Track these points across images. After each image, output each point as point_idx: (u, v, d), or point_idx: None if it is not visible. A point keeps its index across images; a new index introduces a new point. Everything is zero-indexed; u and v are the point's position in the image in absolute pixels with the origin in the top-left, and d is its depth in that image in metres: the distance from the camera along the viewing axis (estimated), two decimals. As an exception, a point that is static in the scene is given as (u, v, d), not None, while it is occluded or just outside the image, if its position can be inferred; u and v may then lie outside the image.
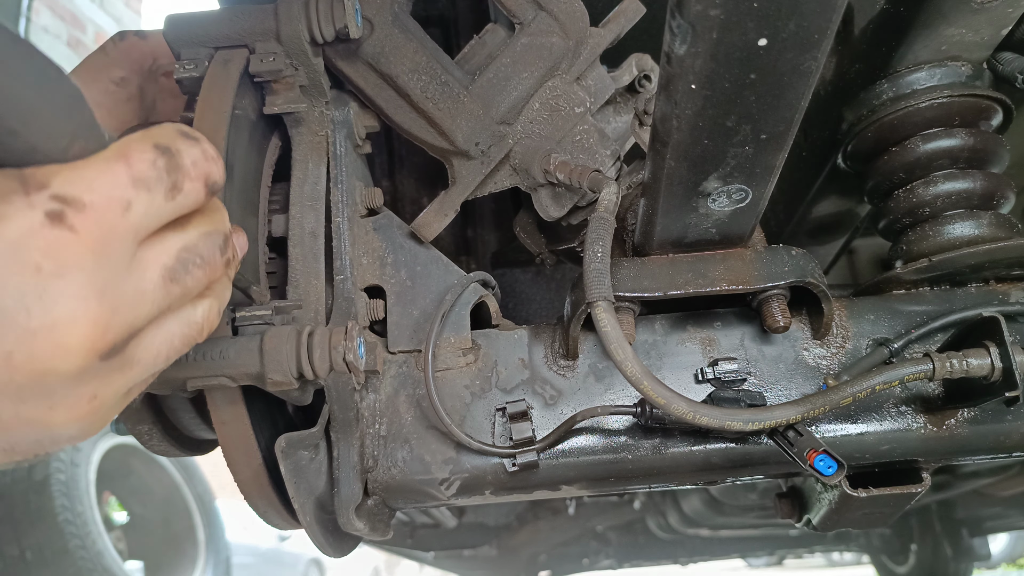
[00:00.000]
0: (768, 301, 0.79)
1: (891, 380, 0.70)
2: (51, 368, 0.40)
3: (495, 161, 0.83)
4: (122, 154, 0.43)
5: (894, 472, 0.82)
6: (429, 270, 0.84)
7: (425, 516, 2.60)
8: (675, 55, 0.53)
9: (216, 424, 0.72)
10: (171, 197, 0.45)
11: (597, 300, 0.68)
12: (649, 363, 0.82)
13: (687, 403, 0.67)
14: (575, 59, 0.84)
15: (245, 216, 0.75)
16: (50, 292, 0.39)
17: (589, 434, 0.79)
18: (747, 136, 0.60)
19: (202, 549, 3.73)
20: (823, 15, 0.49)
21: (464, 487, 0.80)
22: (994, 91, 0.86)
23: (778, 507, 0.97)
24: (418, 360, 0.82)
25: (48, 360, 0.40)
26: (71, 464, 2.97)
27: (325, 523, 0.78)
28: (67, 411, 0.43)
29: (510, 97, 0.81)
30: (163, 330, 0.48)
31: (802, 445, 0.72)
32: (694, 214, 0.72)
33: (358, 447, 0.78)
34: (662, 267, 0.77)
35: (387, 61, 0.80)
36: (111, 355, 0.43)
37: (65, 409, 0.43)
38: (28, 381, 0.40)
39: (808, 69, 0.53)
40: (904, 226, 0.90)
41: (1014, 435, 0.79)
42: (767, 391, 0.80)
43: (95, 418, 0.46)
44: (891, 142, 0.89)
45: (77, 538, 2.79)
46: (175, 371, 0.63)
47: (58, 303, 0.40)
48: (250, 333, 0.66)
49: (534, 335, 0.84)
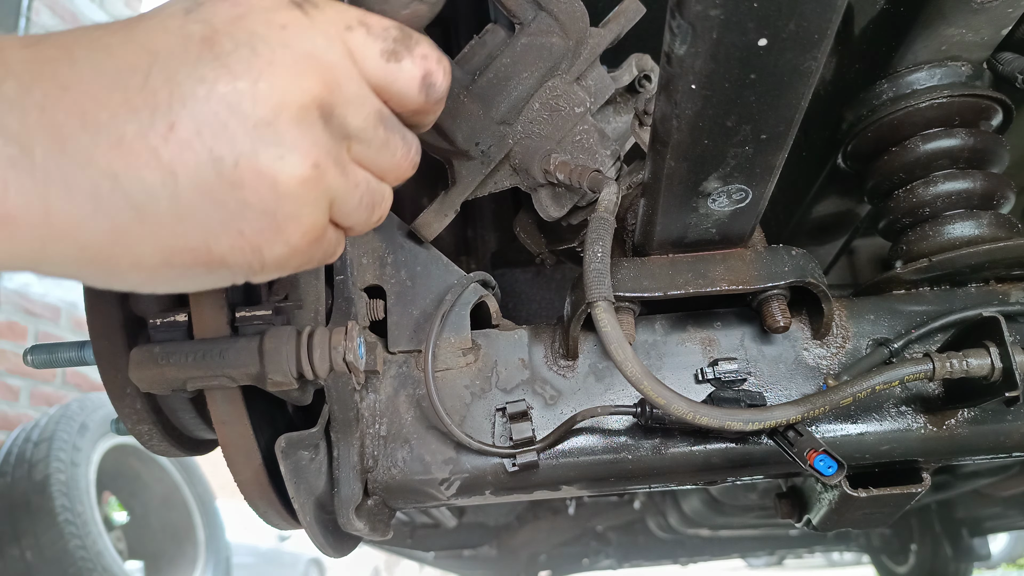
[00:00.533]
0: (768, 301, 0.79)
1: (891, 380, 0.70)
2: (282, 101, 0.45)
3: (495, 161, 0.83)
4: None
5: (894, 472, 0.82)
6: (429, 270, 0.84)
7: (425, 516, 2.60)
8: (675, 55, 0.53)
9: (216, 424, 0.72)
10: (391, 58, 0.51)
11: (597, 300, 0.68)
12: (649, 363, 0.82)
13: (687, 403, 0.67)
14: (575, 59, 0.84)
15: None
16: (291, 37, 0.46)
17: (589, 434, 0.79)
18: (747, 136, 0.60)
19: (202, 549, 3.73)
20: (823, 15, 0.49)
21: (464, 487, 0.80)
22: (994, 91, 0.86)
23: (778, 507, 0.97)
24: (418, 360, 0.82)
25: (279, 93, 0.45)
26: (71, 464, 2.97)
27: (325, 523, 0.78)
28: (297, 163, 0.46)
29: (510, 97, 0.81)
30: (361, 171, 0.52)
31: (802, 445, 0.72)
32: (694, 214, 0.72)
33: (358, 447, 0.78)
34: (662, 267, 0.77)
35: (387, 61, 0.80)
36: (328, 118, 0.47)
37: (296, 159, 0.46)
38: (263, 114, 0.44)
39: (808, 69, 0.53)
40: (904, 226, 0.90)
41: (1014, 435, 0.79)
42: (767, 391, 0.80)
43: (317, 197, 0.48)
44: (891, 142, 0.89)
45: (77, 538, 2.79)
46: (175, 371, 0.63)
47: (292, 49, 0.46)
48: (250, 333, 0.66)
49: (534, 335, 0.84)
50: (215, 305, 0.67)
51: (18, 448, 2.99)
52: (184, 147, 0.42)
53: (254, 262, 0.48)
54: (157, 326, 0.67)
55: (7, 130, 0.39)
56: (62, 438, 3.02)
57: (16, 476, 2.88)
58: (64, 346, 0.84)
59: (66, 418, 3.14)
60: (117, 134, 0.41)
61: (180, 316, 0.67)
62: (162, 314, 0.68)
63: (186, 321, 0.67)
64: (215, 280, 0.49)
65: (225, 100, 0.43)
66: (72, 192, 0.40)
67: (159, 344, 0.64)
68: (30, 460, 2.92)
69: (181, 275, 0.47)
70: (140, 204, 0.42)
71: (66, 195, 0.40)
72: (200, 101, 0.42)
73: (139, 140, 0.41)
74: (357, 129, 0.50)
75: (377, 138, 0.52)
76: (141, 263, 0.44)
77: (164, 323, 0.67)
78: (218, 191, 0.44)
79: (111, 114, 0.41)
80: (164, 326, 0.67)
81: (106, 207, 0.41)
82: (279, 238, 0.47)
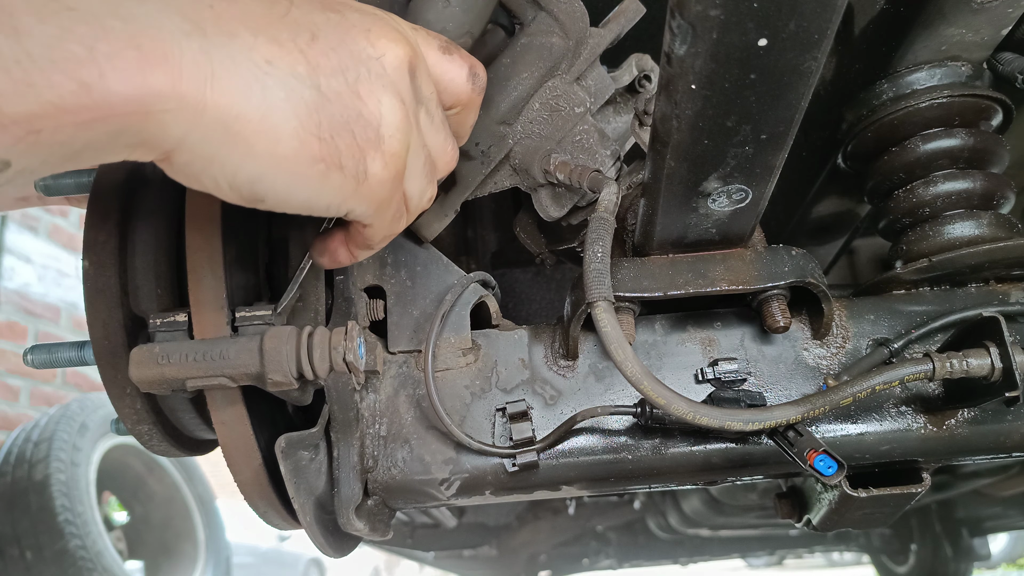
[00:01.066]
0: (768, 301, 0.79)
1: (891, 380, 0.70)
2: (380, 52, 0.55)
3: (495, 161, 0.83)
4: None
5: (894, 472, 0.82)
6: (429, 270, 0.84)
7: (425, 516, 2.60)
8: (675, 55, 0.53)
9: (216, 424, 0.72)
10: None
11: (597, 300, 0.68)
12: (649, 363, 0.82)
13: (687, 403, 0.67)
14: (575, 59, 0.84)
15: (245, 216, 0.75)
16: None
17: (589, 434, 0.79)
18: (747, 136, 0.60)
19: (202, 549, 3.73)
20: (823, 15, 0.49)
21: (464, 487, 0.80)
22: (994, 91, 0.86)
23: (778, 507, 0.97)
24: (418, 360, 0.82)
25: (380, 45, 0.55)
26: (71, 464, 2.97)
27: (325, 523, 0.78)
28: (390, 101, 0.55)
29: (510, 97, 0.81)
30: (436, 118, 0.62)
31: (802, 445, 0.72)
32: (694, 214, 0.72)
33: (358, 447, 0.78)
34: (662, 267, 0.77)
35: (387, 61, 0.80)
36: (413, 76, 0.57)
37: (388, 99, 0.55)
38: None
39: (808, 69, 0.53)
40: (904, 226, 0.90)
41: (1014, 435, 0.79)
42: (767, 391, 0.80)
43: (398, 157, 0.57)
44: (891, 142, 0.89)
45: (77, 538, 2.79)
46: (175, 371, 0.63)
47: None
48: (250, 333, 0.66)
49: (534, 335, 0.84)
50: (215, 305, 0.67)
51: (18, 448, 2.99)
52: (321, 54, 0.51)
53: (359, 171, 0.54)
54: (157, 326, 0.67)
55: (184, 13, 0.45)
56: (62, 438, 3.02)
57: (16, 476, 2.88)
58: (64, 346, 0.84)
59: (66, 418, 3.14)
60: (273, 35, 0.49)
61: (180, 316, 0.68)
62: (162, 314, 0.68)
63: (186, 321, 0.67)
64: (328, 187, 0.54)
65: (349, 34, 0.53)
66: (234, 70, 0.47)
67: (159, 344, 0.64)
68: (30, 460, 2.92)
69: (305, 170, 0.52)
70: (289, 88, 0.49)
71: (230, 70, 0.46)
72: (332, 28, 0.53)
73: (290, 42, 0.50)
74: (427, 97, 0.59)
75: (437, 115, 0.61)
76: (277, 148, 0.50)
77: (164, 323, 0.67)
78: (344, 96, 0.52)
79: (268, 23, 0.50)
80: (164, 326, 0.67)
81: (259, 87, 0.48)
82: (378, 151, 0.55)
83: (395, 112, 0.55)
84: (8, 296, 3.86)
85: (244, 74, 0.47)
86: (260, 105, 0.48)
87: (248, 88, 0.47)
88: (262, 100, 0.48)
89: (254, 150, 0.49)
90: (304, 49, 0.51)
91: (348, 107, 0.52)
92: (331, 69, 0.52)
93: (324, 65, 0.51)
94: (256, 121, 0.48)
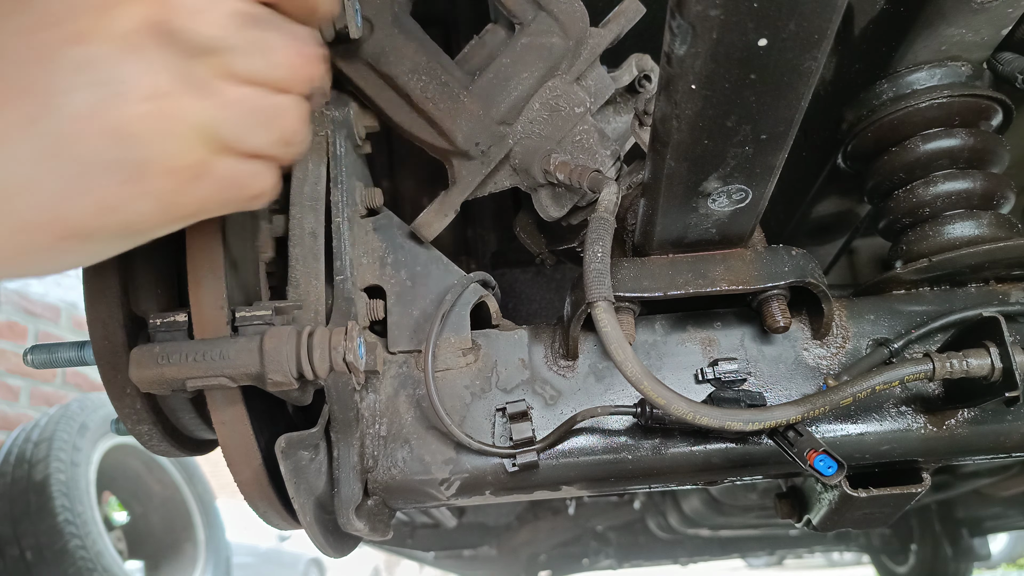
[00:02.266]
0: (768, 301, 0.79)
1: (891, 380, 0.70)
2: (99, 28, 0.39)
3: (495, 161, 0.83)
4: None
5: (894, 472, 0.82)
6: (429, 270, 0.84)
7: (425, 516, 2.60)
8: (675, 55, 0.53)
9: (216, 424, 0.72)
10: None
11: (597, 300, 0.68)
12: (649, 363, 0.82)
13: (687, 403, 0.67)
14: (575, 59, 0.84)
15: (245, 216, 0.75)
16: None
17: (589, 434, 0.79)
18: (747, 136, 0.60)
19: (202, 549, 3.72)
20: (823, 15, 0.49)
21: (464, 487, 0.80)
22: (994, 91, 0.86)
23: (778, 507, 0.97)
24: (418, 360, 0.82)
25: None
26: (71, 464, 2.97)
27: (325, 523, 0.78)
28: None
29: (510, 97, 0.81)
30: (241, 89, 0.45)
31: (802, 445, 0.72)
32: (694, 214, 0.72)
33: (358, 447, 0.78)
34: (662, 267, 0.77)
35: (387, 61, 0.80)
36: (168, 36, 0.41)
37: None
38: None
39: (808, 69, 0.53)
40: (904, 226, 0.90)
41: (1014, 435, 0.79)
42: (767, 391, 0.80)
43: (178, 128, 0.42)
44: (891, 142, 0.89)
45: (77, 538, 2.79)
46: (175, 371, 0.63)
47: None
48: (250, 333, 0.66)
49: (534, 335, 0.84)
50: (215, 305, 0.67)
51: (18, 448, 2.99)
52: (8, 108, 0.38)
53: (125, 223, 0.42)
54: (157, 326, 0.67)
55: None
56: (62, 438, 3.02)
57: (16, 476, 2.87)
58: (64, 346, 0.84)
59: (66, 418, 3.14)
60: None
61: (180, 316, 0.68)
62: (162, 314, 0.68)
63: (186, 321, 0.67)
64: (98, 252, 0.44)
65: (44, 48, 0.38)
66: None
67: (159, 344, 0.64)
68: (30, 460, 2.92)
69: (56, 255, 0.42)
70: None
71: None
72: (15, 55, 0.38)
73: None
74: (212, 39, 0.43)
75: (244, 41, 0.45)
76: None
77: (164, 323, 0.67)
78: (57, 150, 0.39)
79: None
80: (164, 326, 0.67)
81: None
82: (139, 189, 0.41)
83: (142, 117, 0.41)
84: (8, 296, 3.86)
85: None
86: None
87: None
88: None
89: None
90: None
91: (66, 167, 0.40)
92: (25, 127, 0.39)
93: (15, 126, 0.39)
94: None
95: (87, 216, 0.41)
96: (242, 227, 0.75)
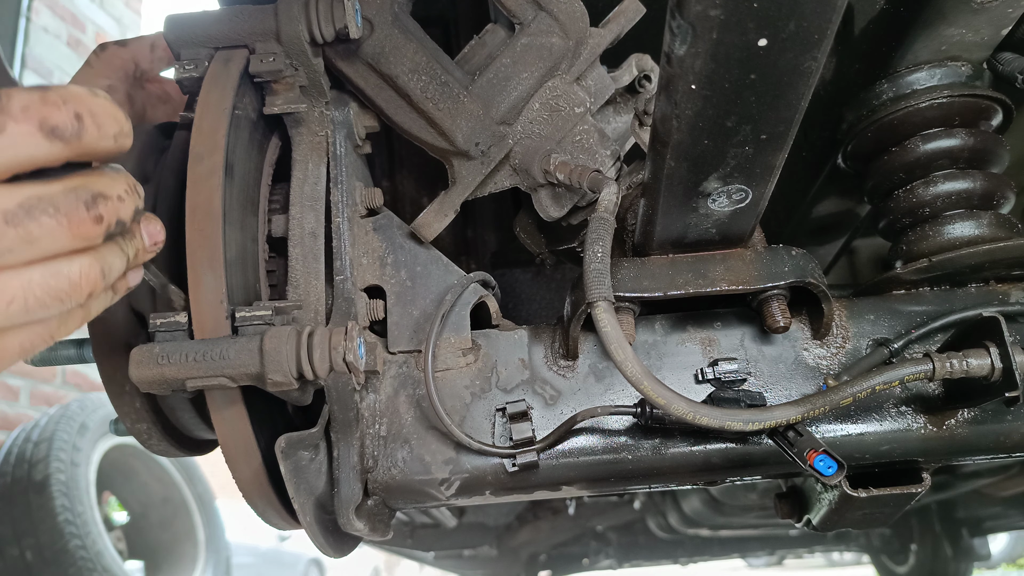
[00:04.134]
0: (768, 301, 0.79)
1: (891, 380, 0.70)
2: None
3: (495, 161, 0.83)
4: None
5: (894, 472, 0.82)
6: (429, 270, 0.84)
7: (425, 516, 2.60)
8: (675, 55, 0.53)
9: (216, 424, 0.72)
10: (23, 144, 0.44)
11: (597, 300, 0.68)
12: (649, 363, 0.82)
13: (687, 403, 0.67)
14: (575, 59, 0.84)
15: (245, 215, 0.75)
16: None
17: (589, 434, 0.79)
18: (747, 136, 0.60)
19: (202, 549, 3.73)
20: (823, 15, 0.49)
21: (464, 487, 0.79)
22: (994, 91, 0.86)
23: (778, 507, 0.97)
24: (418, 360, 0.82)
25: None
26: (71, 464, 2.97)
27: (325, 523, 0.78)
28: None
29: (510, 97, 0.81)
30: (19, 275, 0.46)
31: (802, 445, 0.72)
32: (694, 214, 0.72)
33: (358, 447, 0.78)
34: (662, 267, 0.77)
35: (387, 61, 0.80)
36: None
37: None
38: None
39: (808, 69, 0.53)
40: (904, 226, 0.90)
41: (1014, 435, 0.79)
42: (767, 391, 0.80)
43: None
44: (891, 142, 0.89)
45: (77, 538, 2.79)
46: (175, 371, 0.63)
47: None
48: (250, 333, 0.66)
49: (534, 335, 0.84)
50: (215, 305, 0.67)
51: (18, 448, 2.99)
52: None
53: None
54: (157, 326, 0.67)
55: None
56: (62, 438, 3.02)
57: (16, 476, 2.87)
58: (64, 344, 0.83)
59: (66, 418, 3.14)
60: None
61: (180, 316, 0.67)
62: (162, 314, 0.68)
63: (186, 321, 0.67)
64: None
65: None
66: None
67: (159, 344, 0.64)
68: (30, 460, 2.92)
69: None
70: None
71: None
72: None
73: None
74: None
75: (7, 239, 0.44)
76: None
77: (164, 323, 0.67)
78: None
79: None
80: (164, 326, 0.67)
81: None
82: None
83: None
84: (8, 296, 3.85)
85: None
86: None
87: None
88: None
89: None
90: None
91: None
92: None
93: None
94: None
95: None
96: (242, 227, 0.75)
